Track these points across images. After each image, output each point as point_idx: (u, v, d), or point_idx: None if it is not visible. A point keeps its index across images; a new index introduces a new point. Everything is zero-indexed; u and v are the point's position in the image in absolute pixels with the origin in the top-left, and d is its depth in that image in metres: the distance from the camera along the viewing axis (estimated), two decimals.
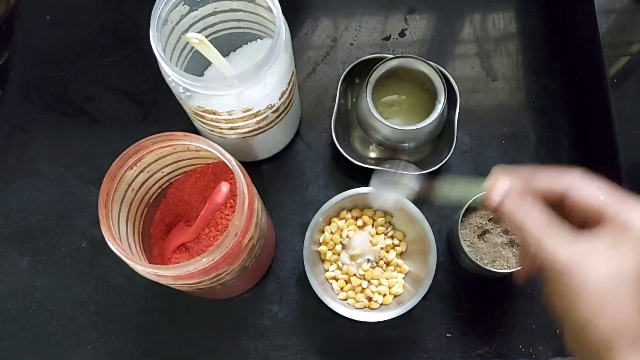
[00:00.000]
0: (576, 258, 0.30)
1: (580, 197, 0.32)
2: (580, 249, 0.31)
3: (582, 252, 0.30)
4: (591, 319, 0.30)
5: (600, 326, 0.30)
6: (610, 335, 0.30)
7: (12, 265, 0.54)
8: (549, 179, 0.33)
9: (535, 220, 0.32)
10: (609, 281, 0.30)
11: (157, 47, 0.41)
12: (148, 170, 0.44)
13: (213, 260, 0.37)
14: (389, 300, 0.51)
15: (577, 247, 0.31)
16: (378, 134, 0.53)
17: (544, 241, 0.31)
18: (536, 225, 0.32)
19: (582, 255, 0.30)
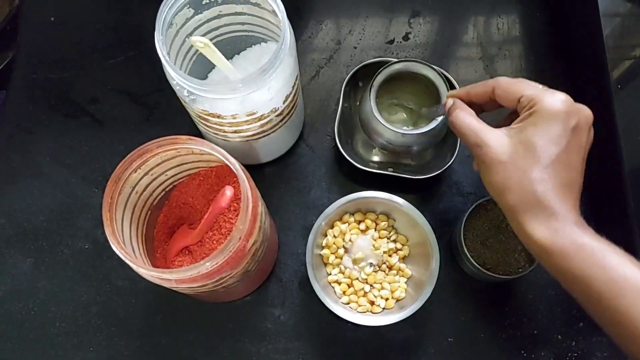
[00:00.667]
0: (489, 136, 0.38)
1: (503, 89, 0.40)
2: (497, 135, 0.38)
3: (498, 137, 0.38)
4: (502, 191, 0.37)
5: (508, 197, 0.37)
6: (515, 200, 0.36)
7: (15, 266, 0.54)
8: (481, 84, 0.42)
9: (464, 116, 0.41)
10: (515, 158, 0.36)
11: (162, 51, 0.41)
12: (152, 173, 0.44)
13: (217, 264, 0.37)
14: (392, 305, 0.51)
15: (496, 131, 0.39)
16: (381, 138, 0.53)
17: (471, 130, 0.39)
18: (465, 120, 0.40)
19: (497, 140, 0.38)
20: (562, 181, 0.36)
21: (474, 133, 0.39)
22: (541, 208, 0.35)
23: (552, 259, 0.35)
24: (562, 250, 0.34)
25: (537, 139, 0.36)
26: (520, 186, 0.36)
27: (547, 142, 0.36)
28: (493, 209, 0.52)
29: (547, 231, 0.35)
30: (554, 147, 0.36)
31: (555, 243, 0.35)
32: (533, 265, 0.49)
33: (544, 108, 0.36)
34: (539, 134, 0.36)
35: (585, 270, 0.34)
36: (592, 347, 0.52)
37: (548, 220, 0.35)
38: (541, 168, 0.36)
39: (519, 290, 0.53)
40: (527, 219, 0.36)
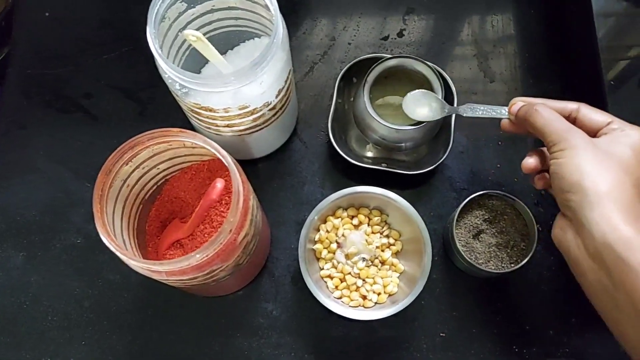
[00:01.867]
0: (584, 134, 0.38)
1: (591, 111, 0.40)
2: (587, 135, 0.38)
3: (587, 137, 0.38)
4: (593, 174, 0.36)
5: (598, 181, 0.36)
6: (606, 190, 0.36)
7: (7, 260, 0.54)
8: (561, 102, 0.42)
9: (551, 111, 0.40)
10: (609, 155, 0.37)
11: (154, 44, 0.41)
12: (143, 166, 0.44)
13: (207, 256, 0.37)
14: (384, 299, 0.51)
15: (582, 133, 0.39)
16: (375, 134, 0.53)
17: (559, 120, 0.40)
18: (552, 114, 0.40)
19: (588, 136, 0.38)
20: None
21: (564, 122, 0.39)
22: (632, 209, 0.35)
23: (629, 252, 0.34)
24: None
25: (634, 150, 0.38)
26: (616, 181, 0.36)
27: (635, 161, 0.37)
28: (485, 204, 0.52)
29: (633, 229, 0.34)
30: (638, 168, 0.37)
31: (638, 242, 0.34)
32: (525, 260, 0.49)
33: (632, 138, 0.38)
34: (635, 152, 0.38)
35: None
36: (584, 343, 0.52)
37: (635, 221, 0.35)
38: (637, 177, 0.37)
39: (511, 286, 0.53)
40: (617, 210, 0.35)
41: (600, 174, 0.36)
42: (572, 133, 0.38)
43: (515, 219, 0.51)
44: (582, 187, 0.36)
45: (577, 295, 0.53)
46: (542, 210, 0.56)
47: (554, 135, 0.39)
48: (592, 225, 0.35)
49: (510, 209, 0.52)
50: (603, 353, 0.51)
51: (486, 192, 0.51)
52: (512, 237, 0.51)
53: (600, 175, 0.36)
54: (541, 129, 0.40)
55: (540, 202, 0.56)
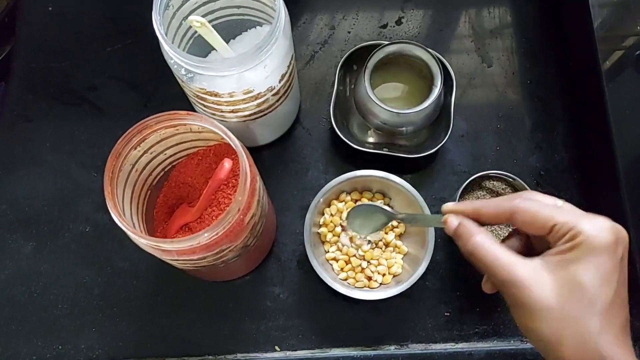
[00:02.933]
0: (529, 274, 0.32)
1: (528, 216, 0.33)
2: (532, 266, 0.32)
3: (533, 269, 0.32)
4: (555, 343, 0.31)
5: (565, 352, 0.31)
6: (571, 356, 0.31)
7: (18, 250, 0.55)
8: (495, 206, 0.35)
9: (490, 249, 0.34)
10: (560, 297, 0.31)
11: (159, 30, 0.42)
12: (151, 151, 0.45)
13: (216, 235, 0.38)
14: (389, 280, 0.52)
15: (530, 264, 0.32)
16: (376, 119, 0.54)
17: (500, 267, 0.33)
18: (491, 254, 0.33)
19: (534, 272, 0.32)
20: (621, 324, 0.32)
21: (505, 268, 0.32)
22: (597, 349, 0.31)
23: None
24: None
25: (587, 280, 0.31)
26: (579, 340, 0.31)
27: (600, 282, 0.31)
28: (486, 185, 0.53)
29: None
30: (607, 288, 0.31)
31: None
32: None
33: (590, 241, 0.31)
34: (589, 273, 0.31)
35: None
36: None
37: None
38: (598, 316, 0.31)
39: None
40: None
41: (559, 340, 0.31)
42: (517, 288, 0.32)
43: None
44: (545, 354, 0.32)
45: None
46: (542, 190, 0.57)
47: (500, 286, 0.34)
48: None
49: (510, 188, 0.52)
50: None
51: (486, 173, 0.52)
52: None
53: (559, 343, 0.31)
54: (487, 272, 0.35)
55: (540, 182, 0.57)
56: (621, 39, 0.57)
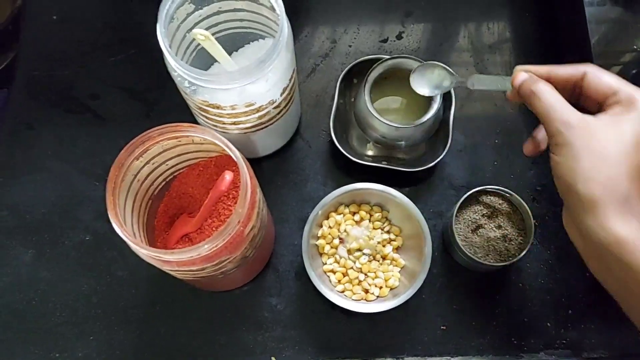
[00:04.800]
0: (582, 124, 0.36)
1: (597, 77, 0.38)
2: (587, 119, 0.36)
3: (587, 121, 0.36)
4: (586, 180, 0.35)
5: (593, 188, 0.34)
6: (602, 191, 0.34)
7: (17, 257, 0.55)
8: (569, 67, 0.39)
9: (551, 93, 0.38)
10: (606, 147, 0.35)
11: (163, 42, 0.42)
12: (153, 162, 0.45)
13: (216, 246, 0.38)
14: (385, 293, 0.52)
15: (585, 117, 0.36)
16: (375, 132, 0.55)
17: (557, 109, 0.37)
18: (552, 98, 0.37)
19: (587, 123, 0.36)
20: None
21: (562, 111, 0.36)
22: (628, 207, 0.34)
23: (627, 254, 0.34)
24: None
25: (633, 137, 0.35)
26: (612, 181, 0.34)
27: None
28: (484, 200, 0.53)
29: (630, 229, 0.34)
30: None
31: (635, 242, 0.34)
32: (523, 253, 0.50)
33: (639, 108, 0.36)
34: (636, 132, 0.35)
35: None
36: (581, 334, 0.53)
37: (631, 220, 0.34)
38: (635, 168, 0.35)
39: (509, 279, 0.55)
40: (611, 213, 0.34)
41: (594, 177, 0.35)
42: (569, 128, 0.36)
43: (512, 214, 0.53)
44: (575, 192, 0.36)
45: (573, 288, 0.55)
46: (539, 205, 0.57)
47: (552, 126, 0.37)
48: (589, 230, 0.35)
49: (507, 204, 0.53)
50: (599, 343, 0.53)
51: (484, 188, 0.52)
52: (510, 232, 0.52)
53: (593, 179, 0.35)
54: (540, 116, 0.38)
55: (536, 197, 0.58)
56: (618, 54, 0.57)
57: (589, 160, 0.35)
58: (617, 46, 0.57)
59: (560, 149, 0.37)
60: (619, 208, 0.34)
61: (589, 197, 0.35)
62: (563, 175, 0.36)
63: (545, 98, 0.38)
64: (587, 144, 0.35)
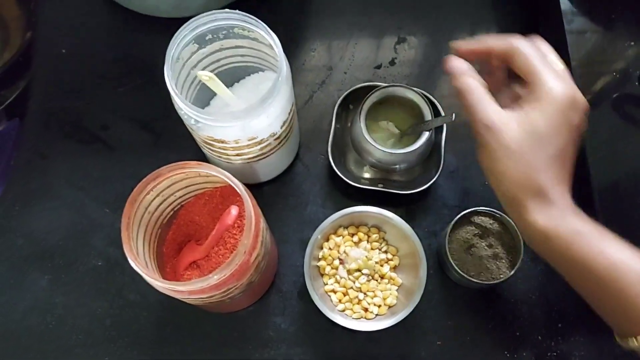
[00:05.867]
0: (499, 125, 0.37)
1: (522, 60, 0.38)
2: (505, 118, 0.37)
3: (505, 121, 0.37)
4: (505, 180, 0.37)
5: (511, 187, 0.37)
6: (517, 189, 0.37)
7: (34, 283, 0.58)
8: (502, 42, 0.40)
9: (475, 92, 0.39)
10: (519, 144, 0.37)
11: (171, 85, 0.45)
12: (163, 194, 0.48)
13: (224, 276, 0.41)
14: (384, 311, 0.55)
15: (503, 116, 0.37)
16: (371, 157, 0.58)
17: (479, 110, 0.38)
18: (475, 97, 0.39)
19: (503, 124, 0.37)
20: (562, 172, 0.38)
21: (486, 113, 0.38)
22: (543, 198, 0.37)
23: (552, 245, 0.37)
24: (563, 237, 0.36)
25: (543, 129, 0.37)
26: (525, 177, 0.37)
27: (553, 133, 0.37)
28: (475, 220, 0.56)
29: (549, 219, 0.36)
30: (558, 138, 0.37)
31: (557, 230, 0.36)
32: (513, 271, 0.53)
33: (550, 97, 0.37)
34: (546, 123, 0.37)
35: (586, 255, 0.36)
36: (571, 346, 0.56)
37: (549, 209, 0.36)
38: (546, 159, 0.37)
39: (501, 295, 0.58)
40: (530, 208, 0.36)
41: (509, 176, 0.37)
42: (487, 130, 0.37)
43: (503, 233, 0.56)
44: (498, 193, 0.38)
45: (562, 302, 0.57)
46: None
47: (474, 127, 0.39)
48: (516, 225, 0.38)
49: (497, 224, 0.56)
50: (588, 355, 0.55)
51: (475, 209, 0.55)
52: (500, 250, 0.55)
53: (509, 178, 0.37)
54: (467, 114, 0.39)
55: None
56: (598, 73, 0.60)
57: (503, 161, 0.37)
58: (598, 66, 0.60)
59: (482, 151, 0.39)
60: (536, 200, 0.36)
61: (509, 197, 0.38)
62: (487, 177, 0.39)
63: (470, 97, 0.39)
64: (502, 144, 0.37)
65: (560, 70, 0.39)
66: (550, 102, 0.37)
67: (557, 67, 0.39)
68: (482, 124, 0.38)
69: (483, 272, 0.55)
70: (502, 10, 0.70)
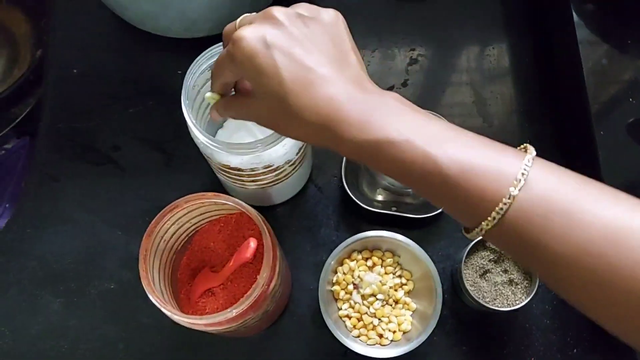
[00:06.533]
0: (251, 105, 0.36)
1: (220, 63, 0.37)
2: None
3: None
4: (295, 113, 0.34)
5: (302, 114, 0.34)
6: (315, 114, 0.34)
7: (46, 306, 0.58)
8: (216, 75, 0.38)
9: (229, 103, 0.39)
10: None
11: (188, 115, 0.45)
12: (178, 222, 0.48)
13: (242, 310, 0.41)
14: (399, 337, 0.55)
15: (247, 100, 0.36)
16: (384, 180, 0.58)
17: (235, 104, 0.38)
18: (232, 105, 0.38)
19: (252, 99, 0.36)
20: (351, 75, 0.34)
21: (239, 105, 0.37)
22: (314, 78, 0.32)
23: (363, 159, 0.33)
24: (365, 149, 0.32)
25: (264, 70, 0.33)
26: (313, 101, 0.33)
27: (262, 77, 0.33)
28: (490, 245, 0.56)
29: (332, 99, 0.32)
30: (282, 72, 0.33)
31: (342, 110, 0.32)
32: (529, 298, 0.53)
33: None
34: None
35: (403, 131, 0.31)
36: None
37: (327, 88, 0.32)
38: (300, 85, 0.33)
39: (516, 320, 0.57)
40: (302, 97, 0.33)
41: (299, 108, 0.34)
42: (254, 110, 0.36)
43: None
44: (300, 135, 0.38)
45: (578, 327, 0.57)
46: None
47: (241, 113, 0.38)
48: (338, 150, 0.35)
49: None
50: None
51: None
52: (516, 276, 0.55)
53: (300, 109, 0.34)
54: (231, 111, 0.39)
55: None
56: (613, 97, 0.60)
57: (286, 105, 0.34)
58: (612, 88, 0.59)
59: (272, 120, 0.36)
60: (309, 86, 0.33)
61: (318, 126, 0.34)
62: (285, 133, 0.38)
63: (232, 108, 0.38)
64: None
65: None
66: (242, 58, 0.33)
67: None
68: (244, 112, 0.37)
69: (498, 298, 0.54)
70: (514, 30, 0.70)
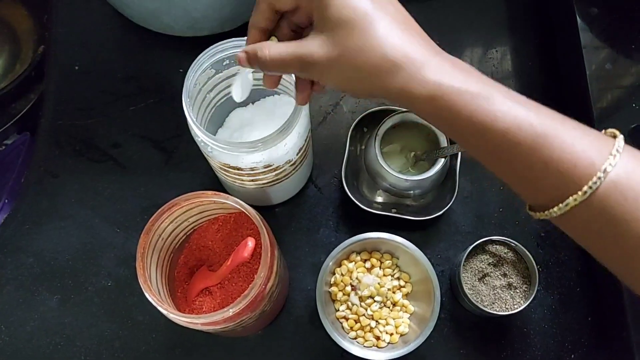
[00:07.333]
0: (312, 45, 0.34)
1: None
2: (311, 40, 0.35)
3: (312, 39, 0.35)
4: (355, 68, 0.33)
5: (363, 61, 0.33)
6: (373, 65, 0.33)
7: (43, 303, 0.58)
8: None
9: (282, 47, 0.36)
10: (341, 42, 0.33)
11: (189, 113, 0.45)
12: (176, 221, 0.48)
13: (239, 309, 0.41)
14: (396, 339, 0.54)
15: (308, 40, 0.35)
16: (385, 181, 0.57)
17: (296, 53, 0.35)
18: (286, 49, 0.36)
19: (312, 41, 0.34)
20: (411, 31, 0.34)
21: (293, 52, 0.35)
22: (403, 62, 0.32)
23: (437, 109, 0.32)
24: (443, 95, 0.32)
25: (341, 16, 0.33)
26: (370, 51, 0.32)
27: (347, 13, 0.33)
28: (489, 249, 0.56)
29: (433, 75, 0.32)
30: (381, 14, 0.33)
31: (440, 88, 0.32)
32: (527, 302, 0.53)
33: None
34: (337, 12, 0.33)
35: (476, 118, 0.31)
36: None
37: (419, 72, 0.32)
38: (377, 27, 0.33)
39: (514, 324, 0.57)
40: (392, 77, 0.32)
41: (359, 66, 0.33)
42: (311, 55, 0.35)
43: (517, 262, 0.55)
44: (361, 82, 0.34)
45: (576, 332, 0.57)
46: (542, 251, 0.60)
47: (298, 59, 0.35)
48: (387, 97, 0.34)
49: (512, 253, 0.55)
50: None
51: (490, 238, 0.55)
52: (515, 280, 0.54)
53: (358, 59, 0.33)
54: (282, 66, 0.37)
55: (540, 243, 0.60)
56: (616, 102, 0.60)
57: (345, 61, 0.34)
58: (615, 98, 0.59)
59: (324, 77, 0.36)
60: (398, 69, 0.32)
61: (367, 71, 0.33)
62: (338, 82, 0.36)
63: (277, 56, 0.36)
64: (329, 54, 0.34)
65: None
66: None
67: None
68: (302, 60, 0.35)
69: (497, 302, 0.54)
70: (517, 33, 0.69)
